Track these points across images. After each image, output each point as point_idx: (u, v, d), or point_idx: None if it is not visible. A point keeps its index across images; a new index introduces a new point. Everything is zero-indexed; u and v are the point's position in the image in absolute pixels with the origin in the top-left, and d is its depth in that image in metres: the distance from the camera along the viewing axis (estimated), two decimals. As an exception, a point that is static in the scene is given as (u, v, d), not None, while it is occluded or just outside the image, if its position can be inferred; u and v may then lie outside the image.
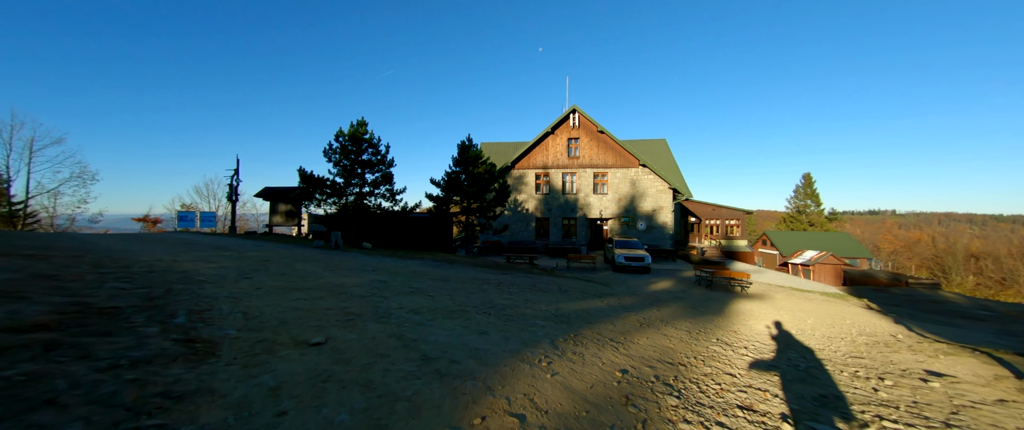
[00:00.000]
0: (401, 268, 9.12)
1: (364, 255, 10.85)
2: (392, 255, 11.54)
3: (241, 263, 7.71)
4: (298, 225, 21.08)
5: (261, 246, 11.17)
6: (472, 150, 16.68)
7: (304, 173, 15.28)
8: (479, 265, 11.23)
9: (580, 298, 8.20)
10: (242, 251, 9.70)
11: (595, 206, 25.40)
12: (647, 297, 9.84)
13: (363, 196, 15.95)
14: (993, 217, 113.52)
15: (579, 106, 25.36)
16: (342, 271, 8.00)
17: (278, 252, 10.03)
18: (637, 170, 25.06)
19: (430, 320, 4.56)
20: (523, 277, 10.00)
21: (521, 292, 7.87)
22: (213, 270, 6.57)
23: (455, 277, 8.72)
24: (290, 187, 21.22)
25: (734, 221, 29.85)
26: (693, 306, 9.27)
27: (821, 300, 14.36)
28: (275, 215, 21.01)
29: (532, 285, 9.11)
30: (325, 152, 16.04)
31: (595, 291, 9.59)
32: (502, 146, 32.18)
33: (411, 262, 10.21)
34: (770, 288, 15.99)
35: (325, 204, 15.54)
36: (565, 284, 9.93)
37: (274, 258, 8.85)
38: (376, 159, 16.13)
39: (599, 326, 5.56)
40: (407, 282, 7.32)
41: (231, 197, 20.67)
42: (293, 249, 10.99)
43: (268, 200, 21.25)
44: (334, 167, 16.09)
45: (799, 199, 52.29)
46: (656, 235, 24.75)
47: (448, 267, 10.10)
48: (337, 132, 16.03)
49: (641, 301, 9.07)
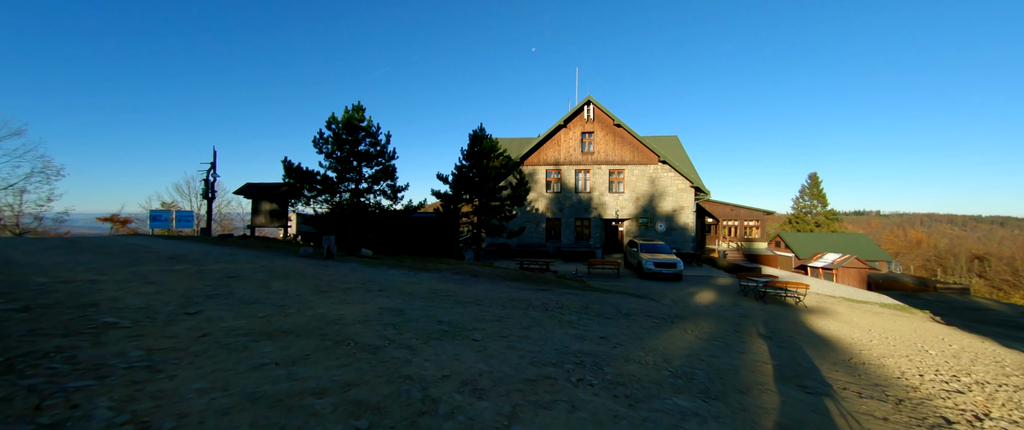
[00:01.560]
0: (416, 286, 6.97)
1: (364, 266, 8.66)
2: (397, 264, 9.38)
3: (194, 285, 5.49)
4: (284, 226, 18.69)
5: (232, 255, 8.90)
6: (486, 141, 14.56)
7: (290, 166, 13.00)
8: (503, 277, 9.12)
9: (658, 327, 6.16)
10: (203, 263, 7.44)
11: (611, 206, 23.47)
12: (720, 321, 7.82)
13: (360, 193, 13.71)
14: (972, 218, 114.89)
15: (594, 97, 23.40)
16: (338, 293, 5.84)
17: (253, 263, 7.80)
18: (656, 167, 23.19)
19: (511, 416, 2.45)
20: (565, 294, 7.93)
21: (584, 321, 5.80)
22: (142, 299, 4.36)
23: (488, 298, 6.62)
24: (275, 183, 18.83)
25: (753, 222, 28.22)
26: (787, 339, 7.27)
27: (891, 315, 12.60)
28: (258, 215, 18.60)
29: (583, 306, 7.05)
30: (315, 141, 13.77)
31: (659, 311, 7.57)
32: (508, 142, 30.06)
33: (425, 276, 8.07)
34: (822, 298, 14.19)
35: (315, 202, 13.28)
36: (616, 301, 7.88)
37: (244, 274, 6.63)
38: (375, 150, 13.90)
39: (759, 394, 3.51)
40: (432, 311, 5.19)
41: (207, 194, 18.21)
42: (274, 259, 8.75)
43: (249, 198, 18.83)
44: (326, 159, 13.83)
45: (805, 199, 51.20)
46: (676, 237, 22.91)
47: (472, 282, 7.97)
48: (329, 118, 13.76)
49: (724, 327, 7.05)
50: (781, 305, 12.36)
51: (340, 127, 13.67)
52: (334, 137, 13.68)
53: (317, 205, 13.46)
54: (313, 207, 13.53)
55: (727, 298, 12.79)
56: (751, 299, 12.91)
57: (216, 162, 18.47)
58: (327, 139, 13.79)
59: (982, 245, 62.03)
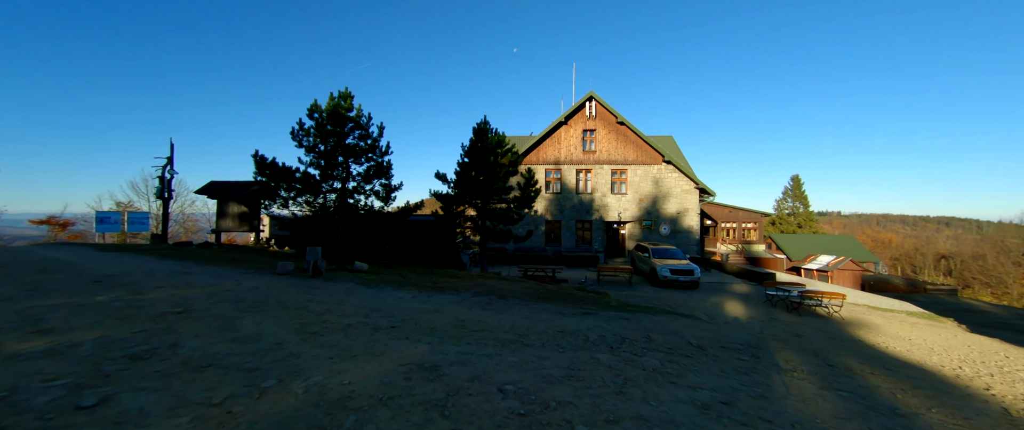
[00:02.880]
0: (436, 317, 5.34)
1: (362, 286, 6.90)
2: (401, 281, 7.66)
3: (115, 331, 3.69)
4: (256, 231, 16.42)
5: (186, 273, 6.94)
6: (491, 136, 12.94)
7: (263, 161, 10.95)
8: (530, 295, 7.58)
9: (752, 367, 4.80)
10: (143, 288, 5.54)
11: (613, 208, 22.31)
12: (798, 350, 6.58)
13: (347, 193, 11.80)
14: (921, 218, 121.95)
15: (596, 92, 22.19)
16: (335, 335, 4.16)
17: (213, 287, 5.93)
18: (660, 167, 22.20)
19: None
20: (611, 319, 6.47)
21: (670, 365, 4.37)
22: (8, 374, 2.57)
23: (533, 333, 5.08)
24: (244, 182, 16.52)
25: (751, 224, 27.81)
26: (895, 368, 6.08)
27: (927, 325, 11.88)
28: (224, 218, 16.25)
29: (645, 337, 5.63)
30: (294, 133, 11.75)
31: (726, 338, 6.21)
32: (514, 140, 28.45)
33: (440, 298, 6.43)
34: (849, 307, 13.36)
35: (294, 203, 11.29)
36: (667, 324, 6.49)
37: (199, 305, 4.82)
38: (365, 144, 12.02)
39: None
40: (480, 368, 3.61)
41: (162, 194, 15.72)
42: (243, 278, 6.86)
43: (214, 198, 16.45)
44: (307, 154, 11.83)
45: (788, 201, 52.12)
46: (681, 240, 21.99)
47: (500, 305, 6.39)
48: (310, 106, 11.79)
49: (815, 362, 5.79)
50: (817, 317, 11.42)
51: (324, 117, 11.73)
52: (317, 128, 11.72)
53: (296, 207, 11.47)
54: (291, 209, 11.53)
55: (759, 310, 11.73)
56: (783, 310, 11.94)
57: (174, 157, 16.00)
58: (308, 130, 11.82)
59: (946, 245, 65.22)
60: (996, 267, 38.44)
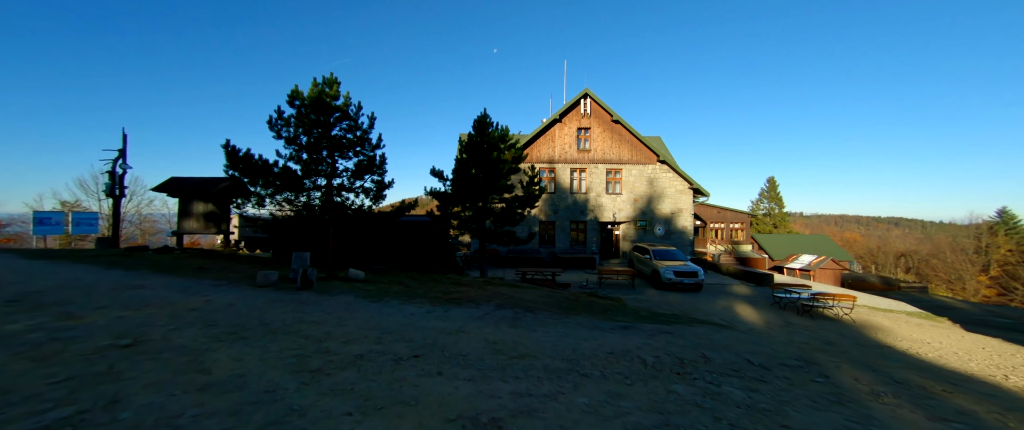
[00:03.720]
0: (462, 339, 4.39)
1: (364, 299, 5.81)
2: (406, 292, 6.60)
3: (20, 382, 2.52)
4: (225, 233, 14.74)
5: (138, 287, 5.63)
6: (493, 130, 11.99)
7: (235, 153, 9.55)
8: (553, 306, 6.72)
9: (836, 395, 4.12)
10: (78, 309, 4.30)
11: (608, 208, 21.82)
12: (852, 361, 6.04)
13: (333, 191, 10.55)
14: (873, 218, 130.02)
15: (591, 90, 21.63)
16: (345, 373, 3.17)
17: (174, 306, 4.71)
18: (655, 167, 21.91)
19: None
20: (657, 334, 5.71)
21: (755, 397, 3.61)
22: None
23: (584, 358, 4.25)
24: (212, 178, 14.82)
25: (738, 225, 28.10)
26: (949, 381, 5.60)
27: (931, 326, 11.87)
28: (188, 218, 14.49)
29: (700, 355, 4.90)
30: (271, 123, 10.39)
31: (780, 353, 5.57)
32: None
33: (459, 314, 5.46)
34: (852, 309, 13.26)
35: (272, 202, 9.93)
36: (711, 337, 5.80)
37: (156, 335, 3.69)
38: (354, 136, 10.80)
39: None
40: (551, 416, 2.70)
41: (113, 191, 13.78)
42: (214, 293, 5.62)
43: (175, 196, 14.64)
44: (287, 146, 10.50)
45: (764, 202, 53.77)
46: (674, 241, 21.77)
47: (530, 320, 5.49)
48: (291, 92, 10.45)
49: (878, 378, 5.22)
50: (828, 320, 11.15)
51: (307, 105, 10.43)
52: (298, 118, 10.42)
53: (274, 206, 10.11)
54: (269, 209, 10.17)
55: (771, 314, 11.37)
56: (793, 313, 11.64)
57: (127, 149, 14.09)
58: (288, 120, 10.49)
59: (904, 244, 69.32)
60: (955, 264, 40.89)
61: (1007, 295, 37.22)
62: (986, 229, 48.15)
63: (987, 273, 39.71)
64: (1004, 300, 36.37)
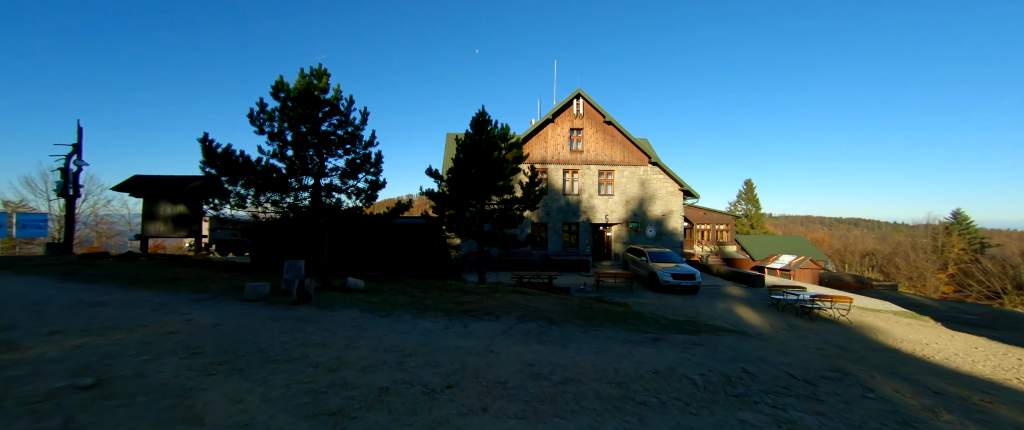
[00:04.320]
0: (496, 363, 3.88)
1: (371, 314, 5.17)
2: (415, 304, 5.99)
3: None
4: (197, 236, 13.56)
5: (100, 305, 4.79)
6: (492, 128, 11.46)
7: (213, 149, 8.61)
8: (572, 315, 6.28)
9: (902, 413, 3.86)
10: (21, 335, 3.54)
11: (600, 210, 21.66)
12: (890, 374, 5.88)
13: (323, 192, 9.74)
14: (835, 219, 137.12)
15: (584, 90, 21.43)
16: (373, 414, 2.61)
17: (147, 329, 3.97)
18: (646, 169, 21.92)
19: None
20: (689, 346, 5.37)
21: (829, 421, 3.28)
22: None
23: (629, 379, 3.84)
24: (182, 177, 13.62)
25: (722, 226, 28.64)
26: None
27: (920, 325, 12.18)
28: (153, 221, 13.23)
29: (742, 371, 4.58)
30: (252, 116, 9.48)
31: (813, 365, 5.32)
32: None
33: (479, 328, 4.93)
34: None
35: (254, 203, 9.03)
36: (748, 349, 5.50)
37: (126, 369, 3.04)
38: (345, 133, 10.03)
39: None
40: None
41: (66, 190, 12.37)
42: (194, 308, 4.84)
43: (139, 196, 13.36)
44: (270, 142, 9.61)
45: (742, 203, 55.44)
46: (665, 242, 21.82)
47: (557, 335, 5.03)
48: (275, 84, 9.58)
49: (935, 401, 5.05)
50: (828, 321, 11.20)
51: (293, 97, 9.59)
52: (283, 111, 9.56)
53: (256, 208, 9.21)
54: (250, 210, 9.25)
55: (773, 316, 11.35)
56: (791, 315, 11.69)
57: (82, 144, 12.69)
58: (272, 113, 9.61)
59: (868, 244, 73.22)
60: (916, 263, 43.34)
61: (963, 291, 39.68)
62: (942, 230, 51.23)
63: (945, 271, 42.28)
64: (961, 296, 38.74)
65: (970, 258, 43.61)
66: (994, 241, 49.68)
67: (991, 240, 49.78)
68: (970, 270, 39.73)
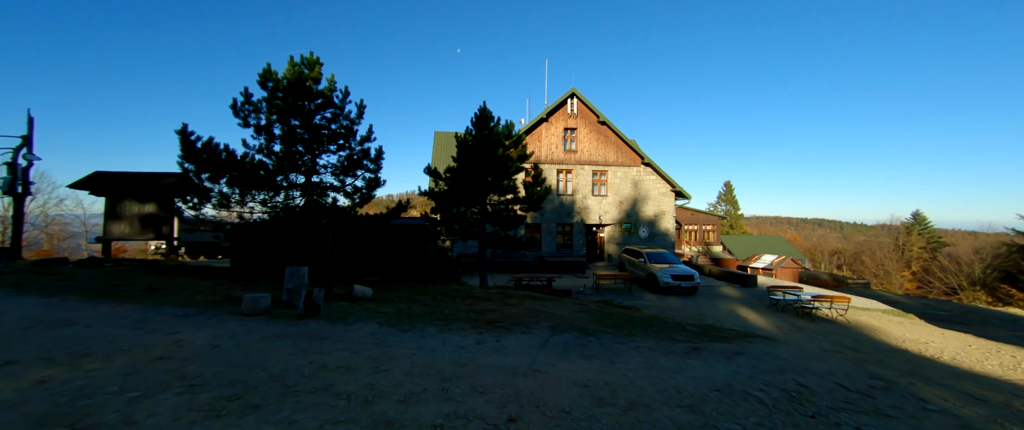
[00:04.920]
0: (548, 385, 3.45)
1: (390, 328, 4.58)
2: (434, 314, 5.43)
3: None
4: (168, 239, 12.41)
5: (64, 323, 4.01)
6: (495, 126, 10.96)
7: (192, 142, 7.72)
8: (601, 323, 5.90)
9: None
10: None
11: (594, 210, 21.51)
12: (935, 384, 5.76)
13: (317, 191, 8.98)
14: (802, 220, 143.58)
15: (578, 90, 21.22)
16: None
17: (129, 353, 3.29)
18: (639, 169, 21.94)
19: None
20: (734, 356, 5.09)
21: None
22: None
23: (695, 397, 3.52)
24: (150, 173, 12.43)
25: (709, 227, 29.15)
26: None
27: (910, 323, 12.54)
28: (118, 221, 12.00)
29: (792, 381, 4.33)
30: (236, 107, 8.61)
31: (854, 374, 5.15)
32: (470, 134, 26.37)
33: (513, 341, 4.46)
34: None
35: (239, 203, 8.18)
36: (792, 361, 5.27)
37: (109, 413, 2.31)
38: (340, 127, 9.30)
39: None
40: None
41: (14, 187, 10.98)
42: (183, 325, 4.14)
43: (101, 194, 12.10)
44: (256, 136, 8.77)
45: (722, 204, 57.01)
46: (657, 243, 21.92)
47: (598, 348, 4.62)
48: (262, 72, 8.73)
49: None
50: (827, 321, 11.33)
51: (283, 87, 8.79)
52: (271, 103, 8.75)
53: (241, 208, 8.36)
54: (233, 209, 8.38)
55: (775, 317, 11.37)
56: (792, 315, 11.78)
57: (33, 136, 11.32)
58: (258, 104, 8.78)
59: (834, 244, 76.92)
60: (883, 261, 45.71)
61: (924, 288, 42.05)
62: (903, 229, 54.23)
63: (909, 269, 44.78)
64: (923, 292, 41.05)
65: (929, 256, 46.37)
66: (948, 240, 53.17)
67: (946, 239, 53.26)
68: (930, 268, 42.14)
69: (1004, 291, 33.05)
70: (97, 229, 13.28)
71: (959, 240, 56.21)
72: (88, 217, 24.38)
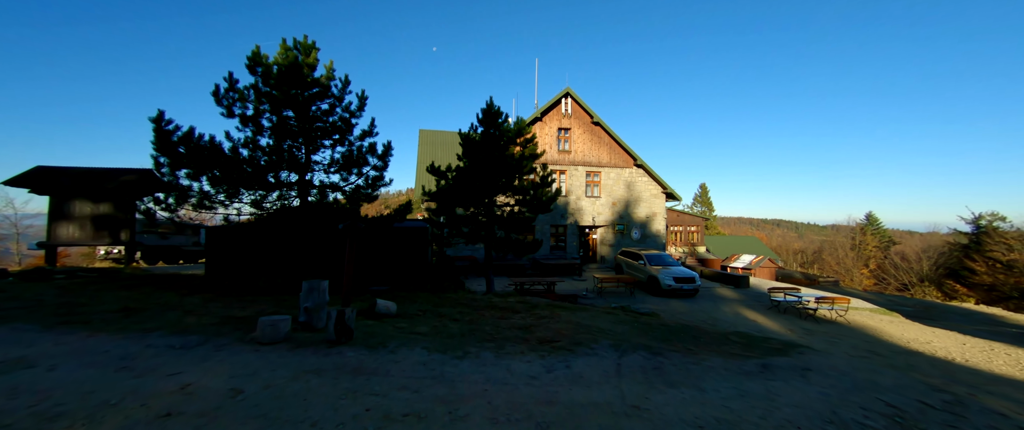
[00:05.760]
0: (651, 426, 2.85)
1: (441, 355, 3.85)
2: (476, 332, 4.75)
3: None
4: (129, 244, 10.93)
5: (22, 374, 3.04)
6: (504, 123, 10.33)
7: (167, 132, 6.60)
8: (659, 339, 5.44)
9: None
10: None
11: (587, 212, 21.28)
12: None
13: (312, 190, 8.01)
14: (761, 220, 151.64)
15: (573, 89, 20.92)
16: None
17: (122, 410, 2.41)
18: (632, 171, 21.93)
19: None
20: (808, 373, 4.75)
21: None
22: None
23: None
24: (106, 169, 10.88)
25: (694, 228, 29.76)
26: None
27: (901, 322, 12.97)
28: (66, 223, 10.40)
29: (876, 401, 4.03)
30: (218, 95, 7.49)
31: (922, 391, 4.95)
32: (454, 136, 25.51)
33: (584, 365, 3.89)
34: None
35: (221, 205, 7.09)
36: (853, 375, 5.02)
37: None
38: (338, 120, 8.37)
39: None
40: None
41: (-68, 183, 9.19)
42: (186, 364, 3.24)
43: (44, 193, 10.46)
44: (242, 127, 7.69)
45: (697, 206, 58.86)
46: (649, 245, 22.00)
47: (674, 371, 4.14)
48: (251, 55, 7.67)
49: None
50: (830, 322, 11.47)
51: (274, 72, 7.78)
52: (259, 91, 7.71)
53: (225, 207, 7.26)
54: (218, 209, 7.27)
55: (784, 320, 11.39)
56: (795, 316, 11.88)
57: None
58: (245, 92, 7.71)
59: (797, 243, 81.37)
60: (844, 260, 48.70)
61: (880, 284, 45.08)
62: (859, 230, 58.00)
63: (867, 267, 47.92)
64: (880, 288, 43.96)
65: (882, 256, 49.80)
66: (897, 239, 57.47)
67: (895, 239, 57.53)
68: (885, 266, 45.23)
69: (950, 286, 35.78)
70: (32, 232, 11.48)
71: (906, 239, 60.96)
72: (21, 218, 21.40)
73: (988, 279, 31.43)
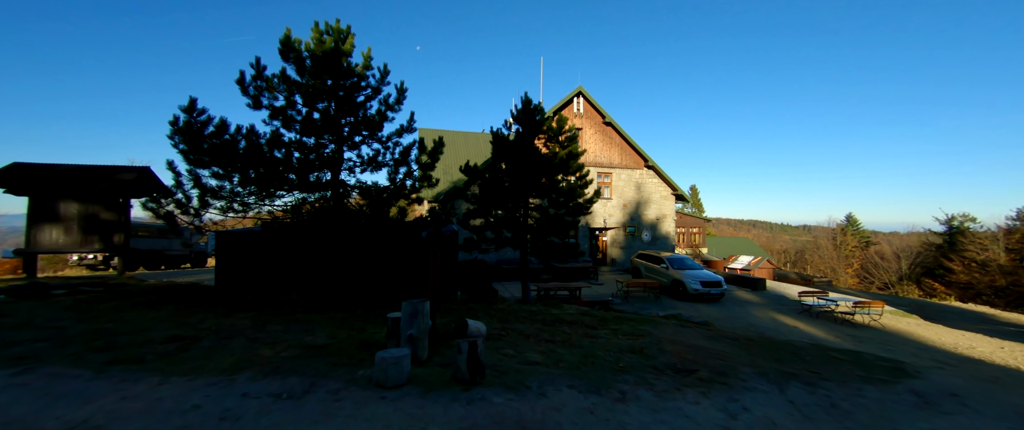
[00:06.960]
0: None
1: (594, 396, 3.16)
2: (593, 363, 4.09)
3: None
4: (120, 250, 9.77)
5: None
6: (550, 120, 9.70)
7: (193, 127, 5.66)
8: (773, 359, 4.94)
9: None
10: None
11: (598, 213, 20.90)
12: None
13: (343, 190, 7.17)
14: (740, 221, 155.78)
15: (585, 88, 20.48)
16: None
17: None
18: (642, 172, 21.71)
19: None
20: (921, 397, 4.31)
21: None
22: None
23: None
24: (97, 167, 9.68)
25: (696, 229, 29.89)
26: None
27: (928, 325, 12.98)
28: (49, 226, 9.15)
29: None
30: (244, 83, 6.57)
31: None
32: (456, 135, 24.82)
33: (754, 404, 3.32)
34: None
35: (253, 207, 6.18)
36: (962, 395, 4.65)
37: None
38: (375, 113, 7.55)
39: None
40: None
41: None
42: (300, 415, 2.47)
43: (23, 194, 9.18)
44: (271, 119, 6.80)
45: (688, 207, 59.77)
46: (659, 246, 21.84)
47: (841, 405, 3.61)
48: (283, 39, 6.78)
49: None
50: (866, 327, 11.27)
51: (309, 59, 6.91)
52: (290, 80, 6.83)
53: (257, 211, 6.35)
54: (235, 208, 6.34)
55: (822, 325, 11.13)
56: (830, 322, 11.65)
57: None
58: (273, 81, 6.81)
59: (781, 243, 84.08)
60: (830, 259, 50.36)
61: (863, 284, 46.76)
62: (839, 231, 60.16)
63: (852, 266, 49.69)
64: (863, 287, 45.57)
65: (862, 256, 51.73)
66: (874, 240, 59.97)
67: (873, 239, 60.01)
68: (868, 265, 46.93)
69: (928, 285, 37.29)
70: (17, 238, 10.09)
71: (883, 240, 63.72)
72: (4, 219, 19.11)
73: (965, 277, 32.80)
